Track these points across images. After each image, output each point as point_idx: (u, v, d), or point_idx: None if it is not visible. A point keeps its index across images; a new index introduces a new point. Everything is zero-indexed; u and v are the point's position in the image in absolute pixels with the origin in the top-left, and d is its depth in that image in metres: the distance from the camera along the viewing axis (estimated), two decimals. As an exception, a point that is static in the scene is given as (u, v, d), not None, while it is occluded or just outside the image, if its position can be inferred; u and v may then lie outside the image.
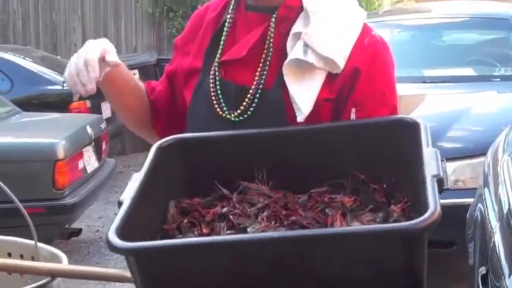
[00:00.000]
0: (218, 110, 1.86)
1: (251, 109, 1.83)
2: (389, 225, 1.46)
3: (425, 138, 1.60)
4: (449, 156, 4.61)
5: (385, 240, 1.38)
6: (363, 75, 1.81)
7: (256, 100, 1.83)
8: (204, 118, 1.87)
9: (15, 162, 5.52)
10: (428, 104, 5.69)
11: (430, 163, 1.49)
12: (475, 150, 4.67)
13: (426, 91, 5.92)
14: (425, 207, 1.35)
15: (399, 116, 1.81)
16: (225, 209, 1.63)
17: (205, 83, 1.89)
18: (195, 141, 1.70)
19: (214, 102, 1.86)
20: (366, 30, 1.84)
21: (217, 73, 1.88)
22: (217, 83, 1.87)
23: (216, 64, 1.89)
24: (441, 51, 6.87)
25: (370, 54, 1.82)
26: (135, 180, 1.58)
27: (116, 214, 1.48)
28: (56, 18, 12.55)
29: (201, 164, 1.70)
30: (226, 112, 1.85)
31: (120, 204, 1.51)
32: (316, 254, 1.39)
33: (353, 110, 1.80)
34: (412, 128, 1.66)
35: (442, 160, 1.51)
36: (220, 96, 1.86)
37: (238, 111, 1.84)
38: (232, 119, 1.84)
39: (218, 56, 1.89)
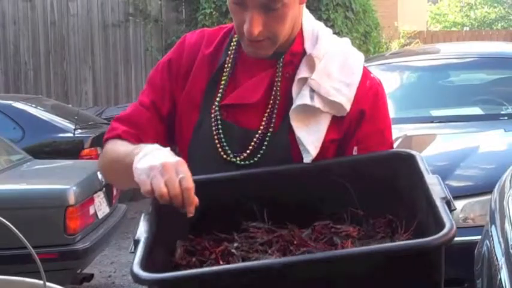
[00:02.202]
0: (222, 153, 1.87)
1: (259, 152, 1.85)
2: (414, 241, 1.49)
3: (424, 167, 1.66)
4: (458, 194, 4.62)
5: (409, 256, 1.43)
6: (367, 116, 1.87)
7: (263, 143, 1.85)
8: (207, 161, 1.88)
9: (26, 209, 5.53)
10: (437, 143, 5.72)
11: (435, 188, 1.56)
12: (484, 188, 4.67)
13: (434, 131, 5.94)
14: (440, 226, 1.41)
15: (395, 150, 1.90)
16: (235, 244, 1.65)
17: (205, 124, 1.89)
18: (197, 183, 1.69)
19: (218, 145, 1.87)
20: (366, 73, 1.90)
21: (219, 115, 1.89)
22: (220, 125, 1.88)
23: (217, 105, 1.89)
24: (449, 91, 6.91)
25: (372, 96, 1.89)
26: (146, 219, 1.63)
27: (132, 252, 1.54)
28: (67, 68, 12.68)
29: (204, 204, 1.70)
30: (231, 156, 1.86)
31: (136, 242, 1.56)
32: (344, 273, 1.43)
33: (355, 148, 1.87)
34: (408, 160, 1.73)
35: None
36: (224, 140, 1.87)
37: (245, 154, 1.86)
38: (238, 162, 1.86)
39: (219, 97, 1.90)
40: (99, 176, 6.35)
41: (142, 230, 1.59)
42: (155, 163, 1.62)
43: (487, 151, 5.32)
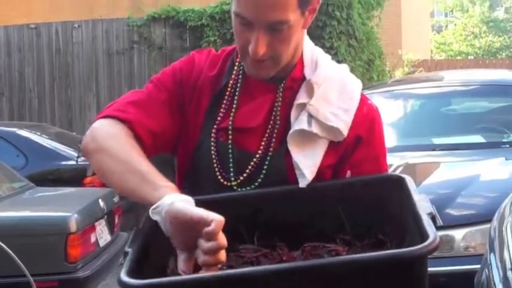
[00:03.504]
0: (219, 176, 1.89)
1: (259, 177, 1.86)
2: (397, 250, 1.53)
3: (413, 188, 1.70)
4: (460, 222, 4.61)
5: (392, 267, 1.45)
6: (363, 141, 1.89)
7: (262, 167, 1.87)
8: (204, 182, 1.89)
9: (27, 236, 5.53)
10: (438, 171, 5.71)
11: (422, 204, 1.60)
12: (485, 216, 4.65)
13: (436, 159, 5.93)
14: (424, 238, 1.44)
15: (385, 173, 1.94)
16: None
17: (205, 146, 1.91)
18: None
19: (216, 167, 1.89)
20: (363, 99, 1.93)
21: (218, 137, 1.91)
22: (219, 148, 1.90)
23: (217, 127, 1.92)
24: (450, 119, 6.91)
25: (369, 122, 1.92)
26: (137, 234, 1.64)
27: (121, 263, 1.53)
28: (71, 95, 12.72)
29: None
30: (230, 178, 1.88)
31: (126, 254, 1.56)
32: (335, 281, 1.44)
33: (348, 172, 1.89)
34: (398, 182, 1.77)
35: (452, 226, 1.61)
36: (222, 162, 1.89)
37: (241, 177, 1.87)
38: (235, 186, 1.88)
39: (219, 119, 1.92)
40: (101, 203, 6.35)
41: (132, 244, 1.60)
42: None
43: (488, 179, 5.31)
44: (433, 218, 1.54)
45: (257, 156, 1.88)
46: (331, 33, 11.50)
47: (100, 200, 6.40)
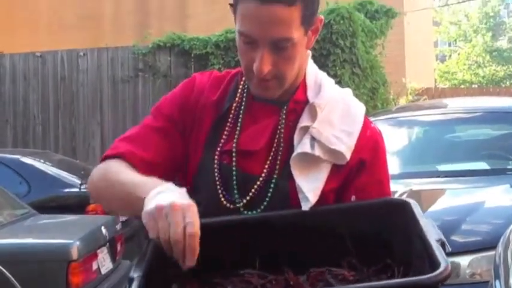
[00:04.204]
0: (222, 199, 1.88)
1: (263, 198, 1.86)
2: (414, 278, 1.51)
3: (418, 212, 1.68)
4: (465, 249, 4.58)
5: None
6: (367, 165, 1.89)
7: (266, 190, 1.86)
8: (207, 205, 1.86)
9: (29, 263, 5.50)
10: (443, 198, 5.67)
11: (430, 230, 1.59)
12: (491, 243, 4.61)
13: (440, 185, 5.90)
14: (435, 266, 1.45)
15: (389, 197, 1.92)
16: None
17: (208, 168, 1.90)
18: None
19: (219, 190, 1.88)
20: (366, 123, 1.93)
21: (221, 160, 1.90)
22: (222, 170, 1.89)
23: (219, 150, 1.91)
24: (455, 146, 6.89)
25: (372, 146, 1.92)
26: (141, 258, 1.63)
27: None
28: (75, 123, 12.74)
29: (201, 249, 1.66)
30: (237, 202, 1.87)
31: (131, 280, 1.54)
32: None
33: (353, 197, 1.88)
34: (402, 207, 1.75)
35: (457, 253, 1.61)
36: (225, 185, 1.88)
37: (244, 201, 1.86)
38: (238, 208, 1.87)
39: (222, 142, 1.92)
40: (103, 230, 6.32)
41: (137, 269, 1.58)
42: (163, 203, 1.56)
43: (493, 206, 5.28)
44: (443, 244, 1.53)
45: (260, 179, 1.87)
46: (335, 61, 11.54)
47: (102, 228, 6.36)
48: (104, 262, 6.18)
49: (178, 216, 1.54)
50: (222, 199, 1.87)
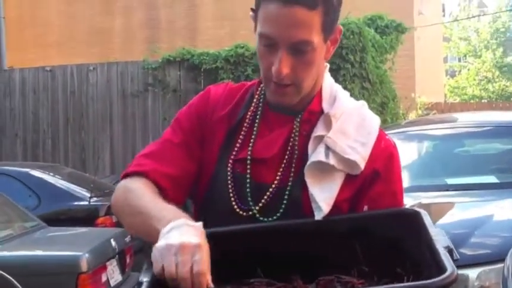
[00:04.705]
0: (236, 207, 1.89)
1: (277, 207, 1.86)
2: (419, 282, 1.53)
3: (428, 222, 1.70)
4: (474, 262, 4.57)
5: None
6: (381, 176, 1.90)
7: (279, 198, 1.87)
8: (221, 214, 1.90)
9: (38, 275, 5.51)
10: (452, 211, 5.66)
11: (439, 238, 1.61)
12: (499, 256, 4.59)
13: (449, 199, 5.89)
14: (441, 271, 1.47)
15: (400, 207, 1.93)
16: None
17: (221, 177, 1.92)
18: (206, 235, 1.68)
19: (232, 199, 1.89)
20: (381, 134, 1.94)
21: (235, 169, 1.91)
22: (236, 179, 1.90)
23: (233, 159, 1.92)
24: (464, 160, 6.88)
25: (386, 157, 1.93)
26: (150, 265, 1.62)
27: None
28: (85, 136, 12.78)
29: (211, 257, 1.67)
30: (251, 209, 1.88)
31: (140, 284, 1.57)
32: None
33: (365, 207, 1.88)
34: (413, 217, 1.77)
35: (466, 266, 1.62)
36: (239, 194, 1.89)
37: (257, 208, 1.87)
38: (251, 216, 1.87)
39: (236, 151, 1.93)
40: (113, 243, 6.33)
41: (146, 274, 1.60)
42: (174, 242, 1.56)
43: (502, 219, 5.26)
44: (450, 252, 1.55)
45: (273, 187, 1.88)
46: (345, 76, 11.55)
47: (112, 240, 6.38)
48: (113, 274, 6.19)
49: (187, 255, 1.54)
50: (235, 207, 1.88)
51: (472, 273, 4.52)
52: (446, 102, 23.57)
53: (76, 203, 8.24)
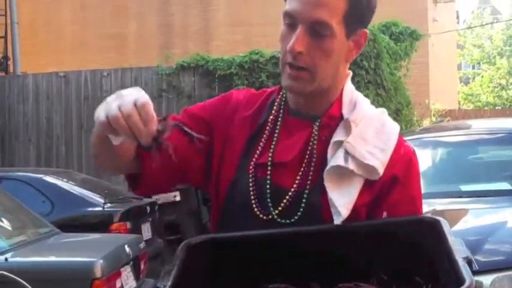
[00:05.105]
0: (256, 210, 1.90)
1: (295, 211, 1.87)
2: None
3: (448, 231, 1.70)
4: (487, 268, 4.56)
5: None
6: (399, 182, 1.89)
7: (297, 203, 1.88)
8: (242, 218, 1.92)
9: (52, 281, 5.51)
10: (466, 218, 5.66)
11: (458, 248, 1.61)
12: (512, 262, 4.61)
13: (463, 205, 5.89)
14: (460, 282, 1.48)
15: (420, 215, 1.91)
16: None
17: (242, 182, 1.93)
18: (224, 240, 1.74)
19: (253, 203, 1.91)
20: (400, 141, 1.95)
21: (256, 172, 1.93)
22: (256, 183, 1.92)
23: (254, 164, 1.94)
24: (478, 166, 6.88)
25: (406, 163, 1.93)
26: (167, 272, 1.65)
27: None
28: (99, 142, 12.80)
29: (229, 263, 1.75)
30: (271, 213, 1.89)
31: None
32: None
33: (384, 213, 1.89)
34: (433, 225, 1.76)
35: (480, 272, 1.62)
36: (259, 197, 1.91)
37: (276, 211, 1.88)
38: (271, 220, 1.88)
39: (257, 155, 1.95)
40: (127, 249, 6.34)
41: (164, 279, 1.61)
42: (111, 96, 1.68)
43: (515, 225, 5.25)
44: (469, 262, 1.55)
45: (292, 191, 1.89)
46: (360, 82, 11.55)
47: (126, 246, 6.39)
48: (127, 280, 6.19)
49: (127, 96, 1.66)
50: (256, 209, 1.90)
51: (486, 279, 4.52)
52: (460, 109, 23.50)
53: (90, 209, 8.26)
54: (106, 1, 21.20)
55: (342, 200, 1.83)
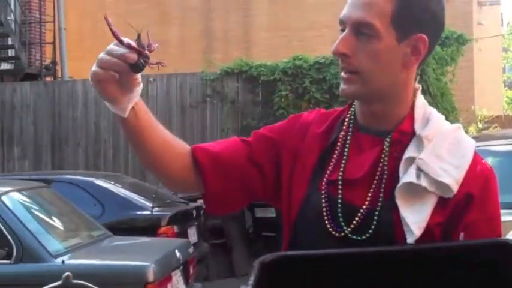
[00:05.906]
0: (329, 228, 1.87)
1: (367, 229, 1.84)
2: None
3: None
4: None
5: None
6: (475, 201, 1.82)
7: (369, 220, 1.84)
8: (315, 235, 1.89)
9: (106, 284, 5.55)
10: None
11: None
12: None
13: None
14: None
15: (499, 238, 1.81)
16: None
17: (314, 199, 1.91)
18: (298, 258, 1.69)
19: (326, 220, 1.88)
20: (477, 158, 1.87)
21: (328, 190, 1.90)
22: (329, 200, 1.89)
23: (326, 180, 1.92)
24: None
25: (482, 181, 1.85)
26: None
27: None
28: (145, 147, 12.89)
29: (304, 281, 1.70)
30: (344, 230, 1.86)
31: None
32: None
33: (461, 234, 1.81)
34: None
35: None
36: (331, 215, 1.88)
37: (349, 229, 1.85)
38: (340, 235, 1.86)
39: (329, 172, 1.92)
40: (177, 254, 6.40)
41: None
42: None
43: None
44: None
45: (363, 208, 1.85)
46: (406, 89, 11.47)
47: (176, 251, 6.45)
48: (177, 285, 6.26)
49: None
50: (328, 226, 1.87)
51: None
52: (506, 115, 23.21)
53: (139, 213, 8.34)
54: (151, 8, 21.37)
55: (414, 218, 1.77)
